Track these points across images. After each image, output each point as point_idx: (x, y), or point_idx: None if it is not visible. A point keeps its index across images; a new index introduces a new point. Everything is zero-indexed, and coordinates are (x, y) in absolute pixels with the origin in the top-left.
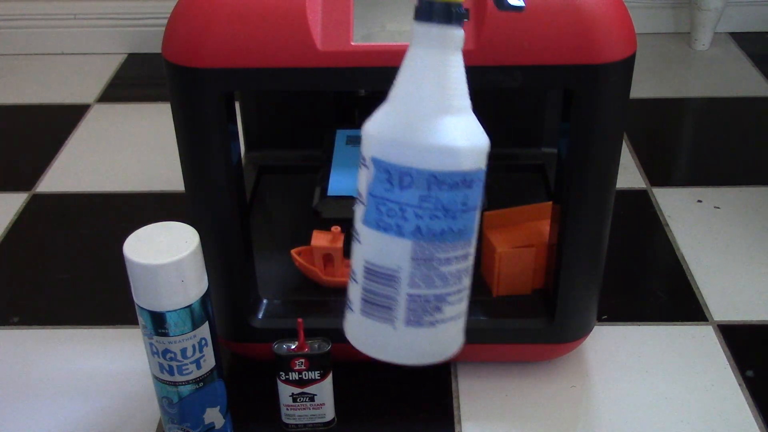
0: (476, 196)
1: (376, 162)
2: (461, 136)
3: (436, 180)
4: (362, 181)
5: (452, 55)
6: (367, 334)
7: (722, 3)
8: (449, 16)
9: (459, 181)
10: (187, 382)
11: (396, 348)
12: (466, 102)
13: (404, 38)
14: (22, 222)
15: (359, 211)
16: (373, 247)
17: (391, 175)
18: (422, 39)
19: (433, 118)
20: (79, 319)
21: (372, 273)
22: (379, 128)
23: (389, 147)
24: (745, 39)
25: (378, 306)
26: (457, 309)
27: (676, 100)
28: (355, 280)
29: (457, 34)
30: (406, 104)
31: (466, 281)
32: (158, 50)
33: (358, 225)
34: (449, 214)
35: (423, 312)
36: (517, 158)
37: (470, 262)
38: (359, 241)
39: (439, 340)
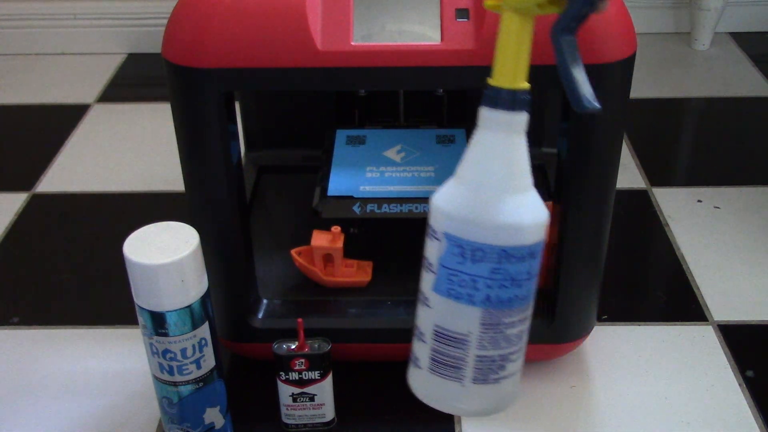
0: (538, 264)
1: (449, 237)
2: (528, 214)
3: (506, 254)
4: (432, 252)
5: (517, 137)
6: (435, 390)
7: (722, 3)
8: (515, 103)
9: (526, 254)
10: (187, 382)
11: (462, 403)
12: (529, 179)
13: (404, 38)
14: (22, 222)
15: (428, 278)
16: (444, 312)
17: (464, 249)
18: (489, 123)
19: (502, 199)
20: (79, 319)
21: (442, 336)
22: (450, 205)
23: (462, 224)
24: (745, 39)
25: (447, 366)
26: (518, 365)
27: (676, 100)
28: (423, 340)
29: (521, 119)
30: (476, 185)
31: (526, 338)
32: (158, 50)
33: (427, 291)
34: (516, 284)
35: (489, 371)
36: None
37: (530, 320)
38: (428, 306)
39: (501, 394)
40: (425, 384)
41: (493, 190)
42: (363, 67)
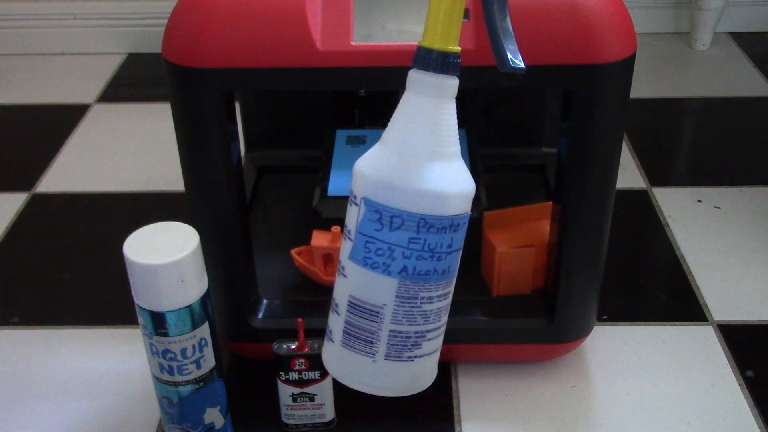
0: (461, 238)
1: (368, 202)
2: (451, 182)
3: (425, 223)
4: (351, 218)
5: (446, 102)
6: (346, 366)
7: (722, 3)
8: (446, 65)
9: (447, 225)
10: (187, 382)
11: (373, 380)
12: (456, 148)
13: (404, 38)
14: (22, 222)
15: (346, 246)
16: (359, 282)
17: (382, 216)
18: (418, 86)
19: (425, 164)
20: (79, 319)
21: (356, 308)
22: (372, 169)
23: (381, 189)
24: (745, 39)
25: (359, 339)
26: (435, 345)
27: (676, 100)
28: (337, 312)
29: (452, 84)
30: (399, 148)
31: (445, 318)
32: (158, 50)
33: (344, 260)
34: (435, 256)
35: (403, 347)
36: (517, 158)
37: (450, 299)
38: (344, 275)
39: (415, 374)
40: (337, 359)
41: (415, 154)
42: (363, 67)
